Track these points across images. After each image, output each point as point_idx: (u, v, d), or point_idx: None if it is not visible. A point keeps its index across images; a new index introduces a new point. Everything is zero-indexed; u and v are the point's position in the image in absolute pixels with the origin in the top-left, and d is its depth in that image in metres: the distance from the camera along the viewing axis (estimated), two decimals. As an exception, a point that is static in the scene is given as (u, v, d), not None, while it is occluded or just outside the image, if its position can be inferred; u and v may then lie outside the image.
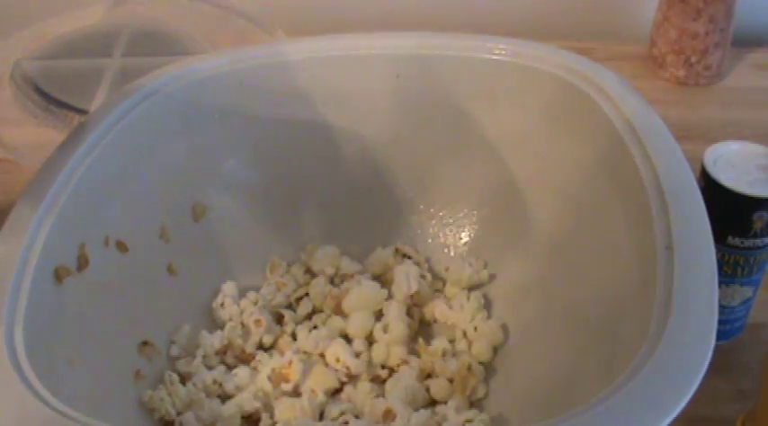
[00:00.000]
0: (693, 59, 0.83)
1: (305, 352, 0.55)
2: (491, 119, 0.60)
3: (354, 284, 0.58)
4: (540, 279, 0.56)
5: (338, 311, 0.58)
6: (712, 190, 0.52)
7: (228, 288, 0.59)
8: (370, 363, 0.55)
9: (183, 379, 0.53)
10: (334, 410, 0.52)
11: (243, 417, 0.52)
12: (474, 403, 0.53)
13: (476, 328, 0.56)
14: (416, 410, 0.51)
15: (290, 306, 0.60)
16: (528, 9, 0.91)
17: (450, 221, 0.62)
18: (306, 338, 0.56)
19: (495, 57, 0.59)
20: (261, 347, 0.57)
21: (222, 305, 0.58)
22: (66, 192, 0.49)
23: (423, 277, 0.59)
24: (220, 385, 0.54)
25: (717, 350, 0.40)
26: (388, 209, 0.63)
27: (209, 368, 0.55)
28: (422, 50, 0.60)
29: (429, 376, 0.55)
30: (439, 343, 0.56)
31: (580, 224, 0.54)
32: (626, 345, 0.42)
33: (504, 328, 0.56)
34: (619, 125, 0.52)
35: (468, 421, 0.49)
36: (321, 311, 0.59)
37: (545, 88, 0.58)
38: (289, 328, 0.58)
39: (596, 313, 0.49)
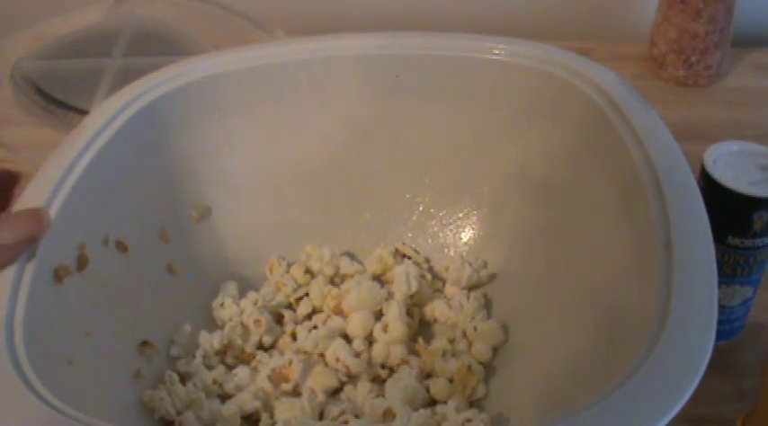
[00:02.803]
0: (693, 59, 0.83)
1: (305, 352, 0.55)
2: (491, 118, 0.60)
3: (354, 284, 0.57)
4: (540, 278, 0.56)
5: (338, 311, 0.58)
6: (712, 190, 0.52)
7: (228, 288, 0.59)
8: (370, 363, 0.55)
9: (183, 379, 0.53)
10: (334, 410, 0.52)
11: (243, 417, 0.52)
12: (474, 403, 0.53)
13: (476, 328, 0.56)
14: (416, 410, 0.51)
15: (290, 306, 0.60)
16: (528, 9, 0.92)
17: (450, 221, 0.62)
18: (306, 338, 0.56)
19: (495, 57, 0.59)
20: (261, 347, 0.57)
21: (222, 305, 0.58)
22: (66, 192, 0.49)
23: (423, 277, 0.59)
24: (220, 385, 0.54)
25: (717, 350, 0.40)
26: (388, 209, 0.63)
27: (209, 368, 0.55)
28: (422, 50, 0.60)
29: (429, 376, 0.55)
30: (439, 343, 0.56)
31: (580, 223, 0.54)
32: (625, 345, 0.42)
33: (504, 328, 0.56)
34: (619, 125, 0.52)
35: (468, 420, 0.49)
36: (321, 311, 0.59)
37: (545, 88, 0.58)
38: (289, 328, 0.58)
39: (596, 312, 0.49)
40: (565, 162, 0.57)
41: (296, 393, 0.53)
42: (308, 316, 0.59)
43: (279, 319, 0.59)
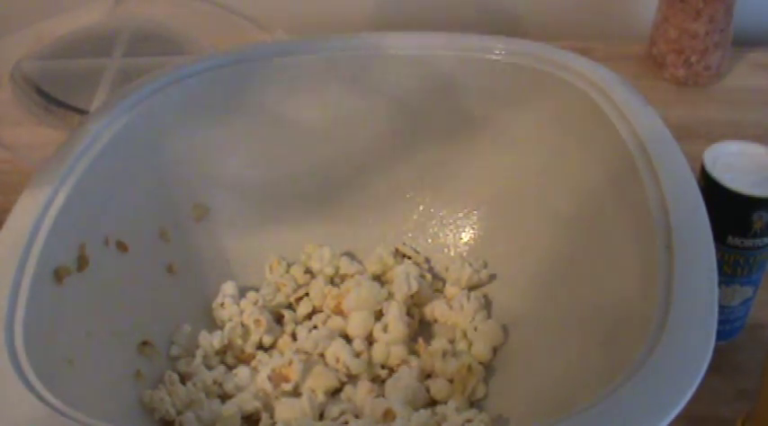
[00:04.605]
0: (693, 59, 0.83)
1: (305, 352, 0.55)
2: (491, 119, 0.60)
3: (354, 284, 0.57)
4: (540, 278, 0.56)
5: (338, 311, 0.58)
6: (712, 190, 0.52)
7: (228, 288, 0.59)
8: (370, 363, 0.55)
9: (183, 379, 0.53)
10: (334, 410, 0.52)
11: (243, 417, 0.52)
12: (474, 403, 0.53)
13: (476, 328, 0.56)
14: (416, 410, 0.51)
15: (290, 306, 0.60)
16: (528, 9, 0.91)
17: (450, 221, 0.62)
18: (306, 338, 0.56)
19: (495, 57, 0.59)
20: (261, 347, 0.57)
21: (222, 305, 0.58)
22: (66, 192, 0.49)
23: (423, 277, 0.59)
24: (220, 385, 0.54)
25: (717, 350, 0.40)
26: (388, 210, 0.63)
27: (209, 368, 0.55)
28: (422, 50, 0.60)
29: (429, 376, 0.55)
30: (439, 343, 0.56)
31: (579, 223, 0.54)
32: (626, 345, 0.42)
33: (504, 328, 0.56)
34: (619, 125, 0.52)
35: (468, 421, 0.49)
36: (321, 311, 0.59)
37: (545, 88, 0.58)
38: (289, 328, 0.58)
39: (596, 312, 0.49)
40: (565, 161, 0.57)
41: (296, 393, 0.53)
42: (308, 316, 0.59)
43: (279, 319, 0.59)
